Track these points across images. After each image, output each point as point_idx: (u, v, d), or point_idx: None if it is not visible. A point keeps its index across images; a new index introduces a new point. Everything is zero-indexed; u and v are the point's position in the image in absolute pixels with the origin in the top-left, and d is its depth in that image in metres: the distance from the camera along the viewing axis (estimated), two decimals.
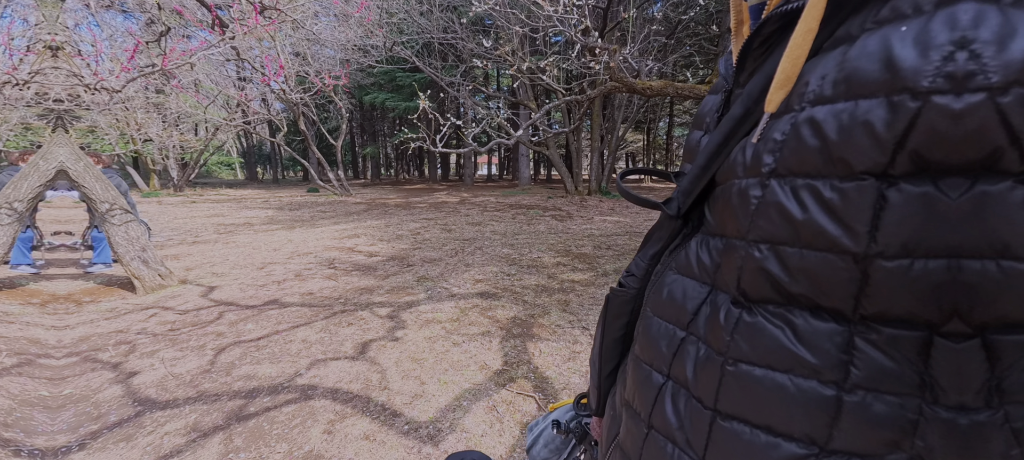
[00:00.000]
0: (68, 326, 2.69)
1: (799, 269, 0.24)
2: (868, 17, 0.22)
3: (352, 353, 2.27)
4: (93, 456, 1.49)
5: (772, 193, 0.25)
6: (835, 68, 0.22)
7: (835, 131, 0.22)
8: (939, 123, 0.19)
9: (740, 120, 0.29)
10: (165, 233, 6.13)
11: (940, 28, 0.19)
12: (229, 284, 3.54)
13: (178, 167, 14.56)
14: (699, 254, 0.33)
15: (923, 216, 0.20)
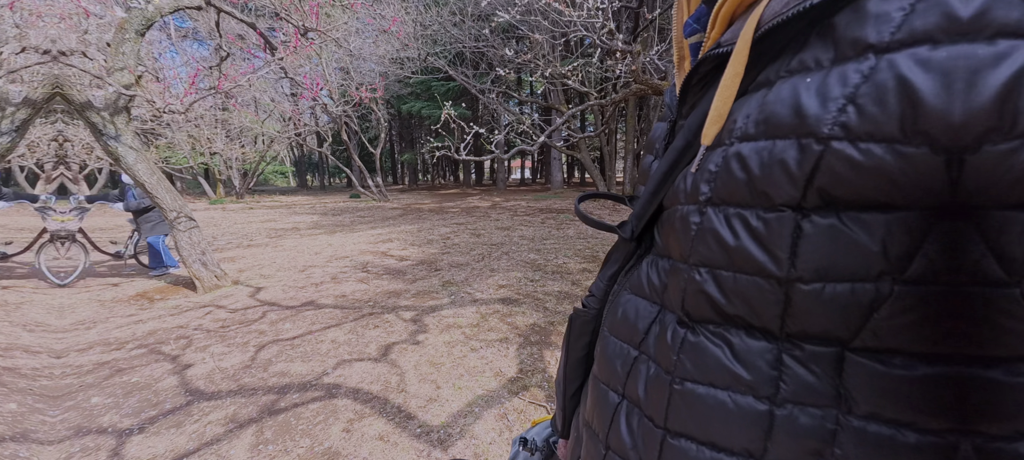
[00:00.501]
0: (141, 321, 3.05)
1: (733, 291, 0.26)
2: (783, 66, 0.24)
3: (375, 355, 2.37)
4: (149, 439, 1.68)
5: (709, 220, 0.27)
6: (757, 109, 0.25)
7: (757, 166, 0.24)
8: (837, 165, 0.21)
9: (683, 150, 0.32)
10: (225, 237, 6.77)
11: (835, 83, 0.21)
12: (273, 285, 3.84)
13: (239, 176, 16.06)
14: (649, 274, 0.35)
15: (830, 246, 0.22)
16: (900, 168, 0.20)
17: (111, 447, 1.63)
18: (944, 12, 0.19)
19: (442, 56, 10.94)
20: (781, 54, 0.25)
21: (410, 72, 11.78)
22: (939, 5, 0.19)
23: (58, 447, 1.64)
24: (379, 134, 14.75)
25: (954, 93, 0.19)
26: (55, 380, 2.18)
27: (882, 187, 0.21)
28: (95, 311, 3.28)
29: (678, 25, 0.37)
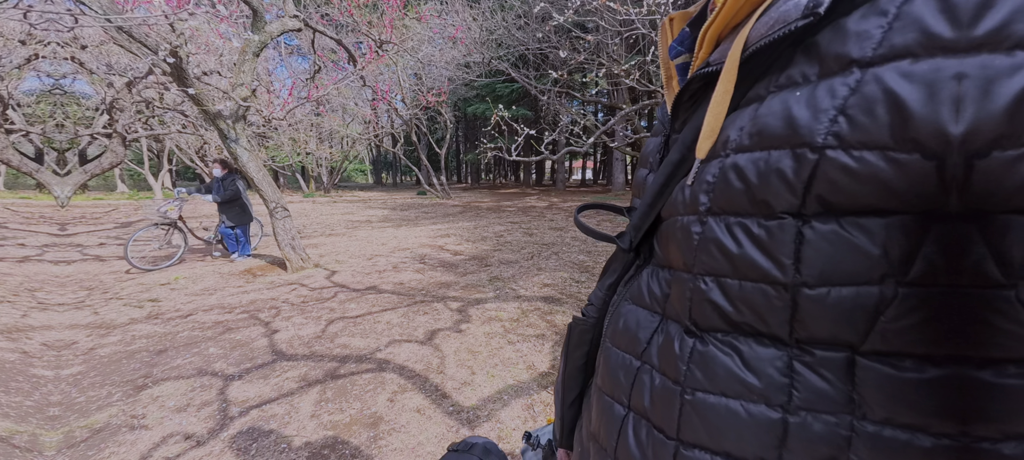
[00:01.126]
0: (246, 291, 3.71)
1: (740, 298, 0.26)
2: (771, 82, 0.25)
3: (422, 338, 2.60)
4: (245, 384, 2.08)
5: (710, 229, 0.28)
6: (750, 122, 0.26)
7: (755, 176, 0.25)
8: (834, 173, 0.22)
9: (678, 164, 0.33)
10: (312, 226, 7.81)
11: (824, 95, 0.22)
12: (345, 270, 4.37)
13: (327, 173, 18.27)
14: (650, 285, 0.35)
15: (833, 250, 0.22)
16: (894, 174, 0.21)
17: (219, 387, 2.05)
18: (921, 29, 0.20)
19: (505, 59, 11.25)
20: (768, 71, 0.26)
21: (475, 75, 12.32)
22: (916, 23, 0.20)
23: (186, 382, 2.11)
24: (445, 135, 15.69)
25: (940, 102, 0.19)
26: (186, 332, 2.78)
27: (878, 193, 0.21)
28: (216, 281, 4.07)
29: (664, 48, 0.39)
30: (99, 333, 2.75)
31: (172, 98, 6.07)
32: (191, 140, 12.49)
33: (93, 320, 3.00)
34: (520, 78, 10.92)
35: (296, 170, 18.50)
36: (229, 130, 4.05)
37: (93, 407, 1.89)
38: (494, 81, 15.13)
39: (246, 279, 4.14)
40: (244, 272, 4.41)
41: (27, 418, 1.79)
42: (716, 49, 0.30)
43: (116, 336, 2.70)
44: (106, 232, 7.02)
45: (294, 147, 14.74)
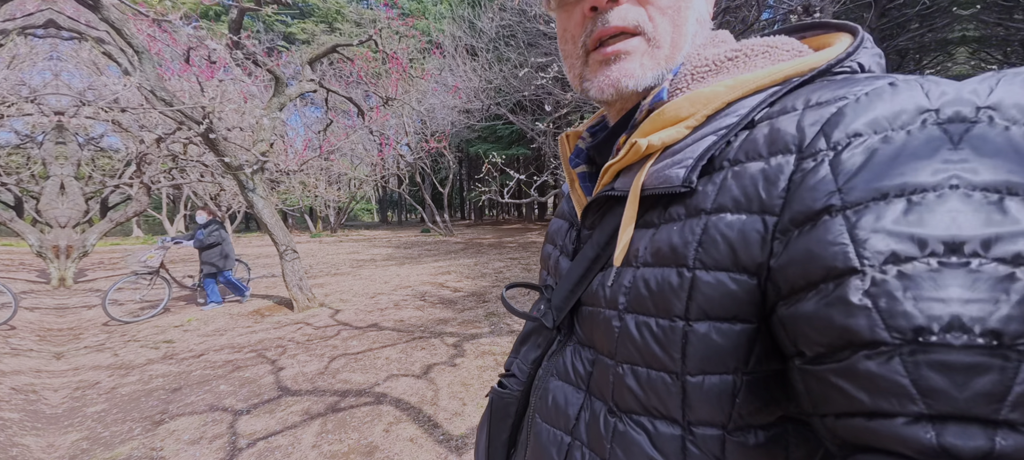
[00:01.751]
0: (254, 331, 3.91)
1: (647, 384, 0.32)
2: (659, 213, 0.33)
3: (418, 372, 2.76)
4: (253, 419, 2.24)
5: (626, 325, 0.33)
6: (649, 244, 0.32)
7: (655, 286, 0.31)
8: (703, 287, 0.28)
9: (594, 260, 0.38)
10: (318, 266, 8.08)
11: (688, 231, 0.30)
12: (348, 308, 4.57)
13: (335, 214, 18.84)
14: (574, 363, 0.39)
15: (706, 347, 0.29)
16: (743, 290, 0.27)
17: (229, 422, 2.22)
18: (731, 196, 0.28)
19: (504, 105, 11.97)
20: (656, 205, 0.33)
21: (476, 120, 13.06)
22: (728, 191, 0.28)
23: (199, 417, 2.28)
24: (449, 175, 16.33)
25: (752, 242, 0.27)
26: (199, 371, 2.97)
27: (731, 305, 0.28)
28: (226, 322, 4.28)
29: (564, 158, 0.46)
30: (120, 373, 2.95)
31: (194, 150, 6.60)
32: (209, 187, 13.13)
33: (113, 361, 3.20)
34: (517, 121, 11.56)
35: (305, 211, 19.18)
36: (247, 181, 4.43)
37: (116, 441, 2.06)
38: (494, 123, 15.94)
39: (254, 319, 4.34)
40: (252, 313, 4.62)
41: (58, 449, 1.97)
42: (616, 179, 0.37)
43: (135, 376, 2.90)
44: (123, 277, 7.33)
45: (304, 191, 15.38)
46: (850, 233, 0.22)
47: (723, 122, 0.31)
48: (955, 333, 0.19)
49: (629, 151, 0.34)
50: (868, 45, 0.32)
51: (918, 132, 0.22)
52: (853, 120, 0.24)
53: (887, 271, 0.21)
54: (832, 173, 0.24)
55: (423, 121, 13.50)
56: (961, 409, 0.19)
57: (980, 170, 0.21)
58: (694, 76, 0.34)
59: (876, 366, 0.21)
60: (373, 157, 15.29)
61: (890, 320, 0.20)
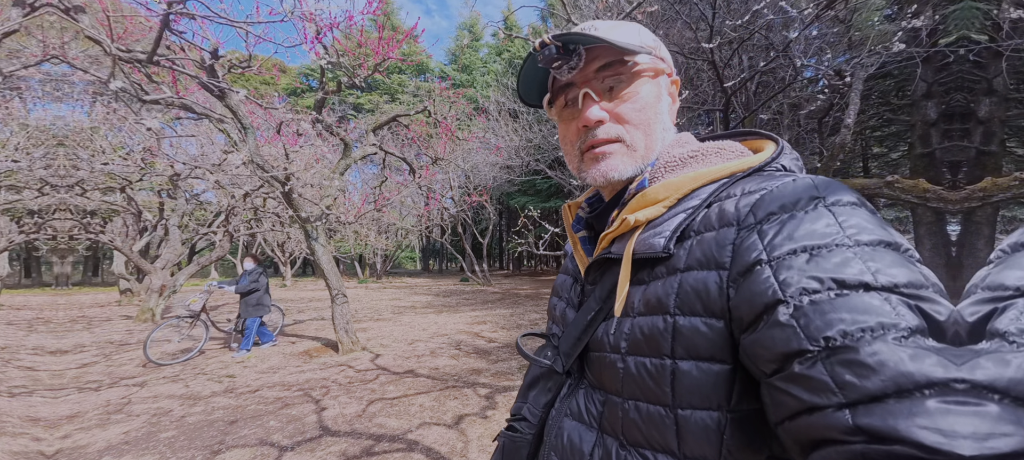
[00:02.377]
0: (303, 371, 4.18)
1: (647, 418, 0.37)
2: (648, 272, 0.40)
3: (450, 422, 2.78)
4: (295, 456, 2.38)
5: (629, 366, 0.39)
6: (641, 297, 0.40)
7: (648, 331, 0.38)
8: (683, 331, 0.36)
9: (598, 311, 0.44)
10: (363, 311, 8.51)
11: (669, 285, 0.38)
12: (387, 353, 4.74)
13: (381, 261, 19.96)
14: (587, 404, 0.44)
15: (692, 384, 0.35)
16: (714, 332, 0.34)
17: (275, 455, 2.37)
18: (697, 258, 0.37)
19: (543, 161, 12.56)
20: (645, 266, 0.41)
21: (516, 175, 13.73)
22: (694, 254, 0.37)
23: (250, 450, 2.46)
24: (489, 225, 16.93)
25: (714, 294, 0.34)
26: (253, 406, 3.21)
27: (707, 345, 0.34)
28: (279, 361, 4.62)
29: (568, 224, 0.54)
30: (188, 403, 3.28)
31: (271, 204, 7.60)
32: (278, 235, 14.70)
33: (185, 392, 3.57)
34: (556, 176, 11.97)
35: (355, 258, 20.57)
36: (312, 230, 5.00)
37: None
38: (533, 178, 16.60)
39: (304, 360, 4.64)
40: (303, 353, 4.95)
41: None
42: (613, 244, 0.45)
43: (200, 407, 3.20)
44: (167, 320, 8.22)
45: (357, 239, 16.62)
46: (775, 276, 0.31)
47: (690, 203, 0.41)
48: (850, 340, 0.27)
49: (621, 224, 0.43)
50: (787, 151, 0.44)
51: (813, 210, 0.33)
52: (770, 204, 0.35)
53: (802, 300, 0.29)
54: (759, 239, 0.34)
55: (467, 176, 14.44)
56: (864, 395, 0.25)
57: (860, 235, 0.31)
58: (666, 168, 0.44)
59: (806, 369, 0.28)
60: (420, 209, 16.38)
61: (807, 332, 0.28)
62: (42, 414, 3.10)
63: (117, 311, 8.83)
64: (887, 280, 0.28)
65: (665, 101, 0.48)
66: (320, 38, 3.13)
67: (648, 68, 0.45)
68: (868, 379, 0.25)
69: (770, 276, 0.31)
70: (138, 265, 7.80)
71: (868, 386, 0.25)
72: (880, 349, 0.25)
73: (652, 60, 0.46)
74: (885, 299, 0.27)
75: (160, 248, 8.29)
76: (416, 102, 11.97)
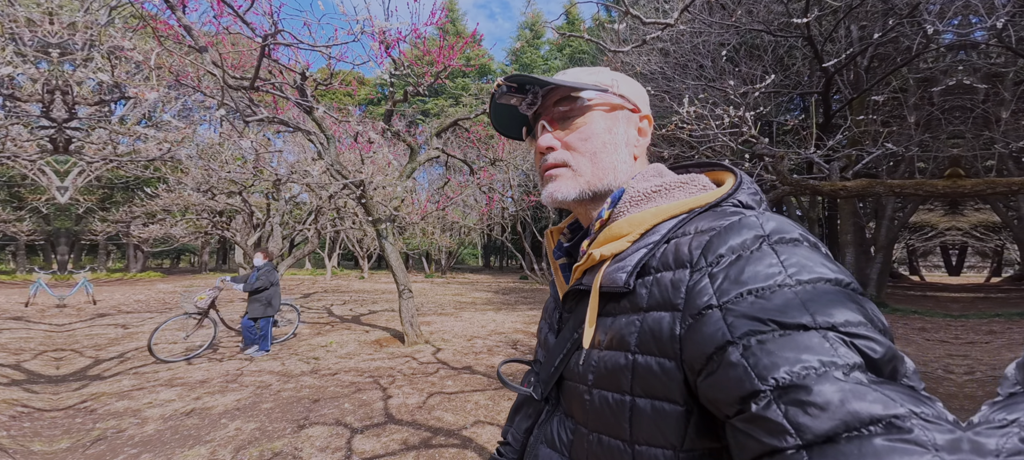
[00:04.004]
0: (374, 359, 4.57)
1: (609, 451, 0.39)
2: (614, 305, 0.42)
3: (503, 422, 2.80)
4: (364, 438, 2.60)
5: (594, 399, 0.41)
6: (607, 331, 0.41)
7: (612, 366, 0.40)
8: (640, 368, 0.38)
9: (572, 342, 0.46)
10: (427, 305, 9.05)
11: (631, 322, 0.39)
12: (448, 348, 4.96)
13: (446, 257, 21.05)
14: (559, 432, 0.46)
15: (649, 421, 0.36)
16: (665, 373, 0.35)
17: (347, 437, 2.62)
18: (656, 299, 0.38)
19: None
20: (612, 299, 0.42)
21: None
22: (654, 295, 0.38)
23: (328, 428, 2.76)
24: (548, 225, 16.84)
25: (670, 336, 0.35)
26: (332, 388, 3.60)
27: (662, 386, 0.35)
28: (355, 348, 5.12)
29: (549, 251, 0.56)
30: (283, 379, 3.79)
31: (351, 205, 8.46)
32: (355, 232, 16.33)
33: (281, 369, 4.14)
34: None
35: (422, 254, 22.02)
36: (382, 229, 5.44)
37: (275, 435, 2.63)
38: None
39: (375, 348, 5.08)
40: (374, 342, 5.42)
41: (244, 433, 2.62)
42: (584, 275, 0.47)
43: (292, 384, 3.68)
44: (295, 300, 9.50)
45: (423, 237, 17.74)
46: (724, 319, 0.33)
47: (651, 238, 0.42)
48: (797, 379, 0.28)
49: (588, 259, 0.46)
50: (745, 185, 0.45)
51: (757, 251, 0.35)
52: (719, 246, 0.37)
53: (750, 341, 0.31)
54: (710, 282, 0.35)
55: (526, 176, 14.51)
56: (818, 436, 0.26)
57: (801, 274, 0.32)
58: (631, 203, 0.46)
59: (762, 410, 0.29)
60: (481, 208, 16.91)
61: (757, 371, 0.29)
62: (181, 376, 3.85)
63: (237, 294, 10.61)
64: (824, 319, 0.30)
65: (621, 134, 0.50)
66: (388, 53, 3.37)
67: (601, 103, 0.49)
68: (819, 419, 0.26)
69: (720, 318, 0.33)
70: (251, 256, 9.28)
71: (820, 427, 0.26)
72: (825, 389, 0.27)
73: (606, 96, 0.49)
74: (823, 337, 0.29)
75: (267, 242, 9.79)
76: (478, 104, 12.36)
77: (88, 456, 2.36)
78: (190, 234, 11.42)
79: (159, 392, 3.44)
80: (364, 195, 4.66)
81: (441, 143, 5.86)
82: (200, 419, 2.90)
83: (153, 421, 2.85)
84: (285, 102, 5.18)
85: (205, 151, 7.78)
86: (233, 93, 2.89)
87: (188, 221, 11.36)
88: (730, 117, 3.13)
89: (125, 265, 21.02)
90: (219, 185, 8.20)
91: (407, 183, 5.53)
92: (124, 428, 2.73)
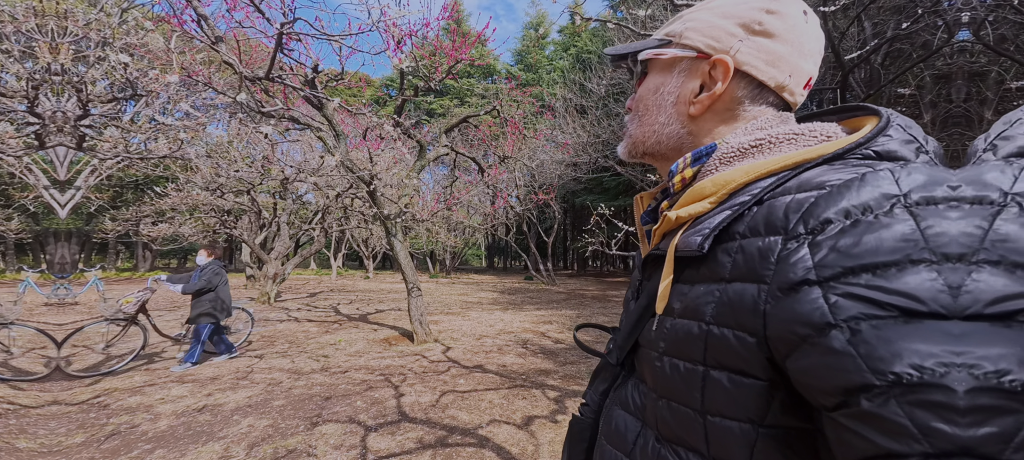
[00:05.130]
0: (384, 358, 4.54)
1: (678, 416, 0.37)
2: (689, 273, 0.39)
3: (519, 422, 2.75)
4: (378, 437, 2.56)
5: (664, 364, 0.39)
6: (680, 299, 0.39)
7: (684, 335, 0.37)
8: (714, 341, 0.34)
9: (646, 307, 0.45)
10: (434, 304, 9.02)
11: (707, 292, 0.36)
12: (457, 347, 4.92)
13: (450, 257, 21.04)
14: (633, 395, 0.45)
15: (723, 393, 0.34)
16: (745, 348, 0.32)
17: (362, 435, 2.58)
18: (739, 268, 0.33)
19: (611, 157, 12.01)
20: (691, 265, 0.39)
21: (583, 172, 13.35)
22: (738, 264, 0.33)
23: (341, 425, 2.72)
24: (554, 224, 16.77)
25: (753, 308, 0.31)
26: (344, 385, 3.56)
27: (741, 358, 0.32)
28: (364, 346, 5.09)
29: (637, 216, 0.54)
30: (294, 377, 3.76)
31: (358, 204, 8.46)
32: (362, 231, 16.35)
33: (291, 367, 4.11)
34: (626, 173, 11.35)
35: (427, 254, 22.02)
36: (392, 227, 5.42)
37: (288, 432, 2.60)
38: (601, 176, 16.00)
39: (384, 347, 5.05)
40: (383, 340, 5.39)
41: (256, 429, 2.59)
42: (663, 240, 0.45)
43: (303, 381, 3.65)
44: (301, 300, 9.52)
45: (429, 236, 17.73)
46: (825, 297, 0.27)
47: (738, 199, 0.37)
48: (928, 376, 0.23)
49: (664, 221, 0.43)
50: (893, 127, 0.36)
51: (885, 215, 0.27)
52: (826, 209, 0.30)
53: (859, 325, 0.25)
54: (810, 252, 0.29)
55: (533, 175, 14.46)
56: (958, 447, 0.21)
57: (949, 246, 0.25)
58: (722, 160, 0.41)
59: (876, 407, 0.24)
60: (486, 208, 16.87)
61: (870, 363, 0.24)
62: (192, 373, 3.83)
63: (244, 293, 10.65)
64: (976, 308, 0.23)
65: (671, 89, 0.46)
66: (401, 45, 3.35)
67: (656, 60, 0.47)
68: (962, 427, 0.22)
69: (819, 297, 0.27)
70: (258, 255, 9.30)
71: (964, 437, 0.22)
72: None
73: (662, 51, 0.47)
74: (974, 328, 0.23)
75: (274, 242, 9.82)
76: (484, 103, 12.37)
77: (103, 451, 2.34)
78: (198, 233, 11.50)
79: (171, 388, 3.42)
80: (375, 191, 4.64)
81: (449, 141, 5.82)
82: (212, 415, 2.87)
83: (166, 417, 2.83)
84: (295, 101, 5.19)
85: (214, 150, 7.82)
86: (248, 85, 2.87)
87: (196, 220, 11.44)
88: None
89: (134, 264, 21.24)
90: (227, 184, 8.23)
91: (416, 181, 5.50)
92: (137, 423, 2.71)
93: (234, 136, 7.98)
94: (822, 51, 0.44)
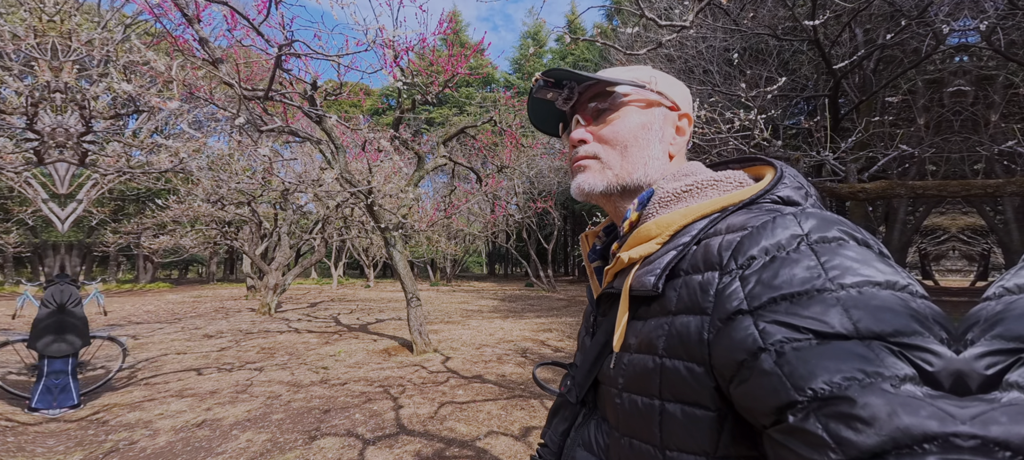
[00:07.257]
0: (383, 369, 4.54)
1: (640, 456, 0.39)
2: (644, 311, 0.41)
3: (517, 433, 2.75)
4: (377, 450, 2.56)
5: (623, 401, 0.41)
6: (637, 335, 0.41)
7: (641, 369, 0.39)
8: (668, 373, 0.37)
9: (604, 344, 0.46)
10: (434, 313, 9.01)
11: (659, 327, 0.38)
12: (457, 357, 4.92)
13: (451, 265, 21.04)
14: (596, 436, 0.46)
15: (679, 426, 0.36)
16: (695, 379, 0.34)
17: (360, 448, 2.58)
18: (685, 302, 0.36)
19: None
20: (643, 302, 0.41)
21: None
22: (683, 298, 0.37)
23: (339, 439, 2.72)
24: (553, 231, 16.80)
25: (699, 340, 0.34)
26: (342, 398, 3.57)
27: (691, 391, 0.34)
28: (363, 357, 5.09)
29: (585, 253, 0.56)
30: (293, 389, 3.77)
31: (358, 214, 8.51)
32: (361, 241, 16.38)
33: (290, 379, 4.12)
34: None
35: (427, 262, 22.03)
36: (390, 237, 5.45)
37: (287, 447, 2.60)
38: None
39: (383, 357, 5.05)
40: (382, 351, 5.39)
41: (255, 444, 2.60)
42: (615, 279, 0.47)
43: (302, 394, 3.66)
44: (301, 310, 9.52)
45: (429, 245, 17.76)
46: (755, 324, 0.31)
47: (681, 240, 0.41)
48: (838, 390, 0.26)
49: (616, 262, 0.45)
50: (787, 178, 0.43)
51: (793, 252, 0.32)
52: (750, 247, 0.35)
53: (784, 348, 0.29)
54: (740, 285, 0.33)
55: (531, 182, 14.54)
56: (864, 452, 0.24)
57: (844, 277, 0.30)
58: (661, 203, 0.45)
59: (799, 421, 0.27)
60: (486, 216, 16.92)
61: (793, 381, 0.28)
62: (192, 387, 3.84)
63: (245, 304, 10.66)
64: (869, 328, 0.27)
65: (656, 130, 0.50)
66: (398, 62, 3.41)
67: (637, 99, 0.49)
68: (864, 434, 0.24)
69: (751, 324, 0.31)
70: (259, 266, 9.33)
71: (866, 442, 0.24)
72: (872, 401, 0.25)
73: (643, 92, 0.50)
74: (867, 347, 0.27)
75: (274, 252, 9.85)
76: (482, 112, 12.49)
77: None
78: (199, 245, 11.54)
79: (169, 403, 3.43)
80: (373, 204, 4.68)
81: (448, 151, 5.88)
82: (211, 430, 2.88)
83: (164, 433, 2.84)
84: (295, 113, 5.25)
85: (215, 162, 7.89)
86: (248, 104, 2.92)
87: (197, 232, 11.49)
88: (741, 120, 3.11)
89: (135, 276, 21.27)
90: (228, 195, 8.29)
91: (414, 192, 5.55)
92: (136, 439, 2.72)
93: (235, 149, 8.06)
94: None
